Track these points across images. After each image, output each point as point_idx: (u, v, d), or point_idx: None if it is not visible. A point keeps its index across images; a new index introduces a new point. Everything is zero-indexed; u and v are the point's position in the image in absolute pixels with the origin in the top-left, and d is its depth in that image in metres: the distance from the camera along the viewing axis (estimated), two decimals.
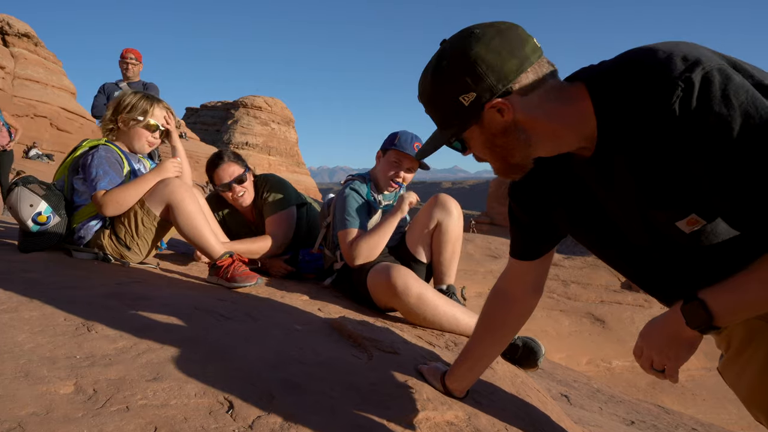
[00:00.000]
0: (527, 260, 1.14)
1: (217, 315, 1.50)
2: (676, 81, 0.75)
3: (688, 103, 0.74)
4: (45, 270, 1.75)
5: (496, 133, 0.89)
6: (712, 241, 0.84)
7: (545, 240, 1.12)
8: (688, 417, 3.23)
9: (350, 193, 2.12)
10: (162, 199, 1.97)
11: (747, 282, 0.80)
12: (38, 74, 22.75)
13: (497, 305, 1.19)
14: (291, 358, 1.24)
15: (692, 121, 0.74)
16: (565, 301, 15.50)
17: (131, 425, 0.84)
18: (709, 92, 0.73)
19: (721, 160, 0.74)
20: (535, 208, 1.07)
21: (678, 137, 0.76)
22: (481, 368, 1.23)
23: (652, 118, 0.78)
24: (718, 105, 0.72)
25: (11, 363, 0.99)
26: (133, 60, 4.38)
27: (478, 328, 1.23)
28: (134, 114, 2.15)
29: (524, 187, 1.07)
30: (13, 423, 0.79)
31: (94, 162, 2.01)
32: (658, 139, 0.79)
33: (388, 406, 1.08)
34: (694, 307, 0.83)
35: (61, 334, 1.18)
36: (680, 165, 0.78)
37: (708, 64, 0.75)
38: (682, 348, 0.87)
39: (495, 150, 0.92)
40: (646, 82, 0.78)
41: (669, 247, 0.90)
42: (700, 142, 0.75)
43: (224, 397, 0.98)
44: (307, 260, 2.58)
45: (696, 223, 0.82)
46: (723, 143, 0.73)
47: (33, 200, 1.96)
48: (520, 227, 1.12)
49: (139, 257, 2.10)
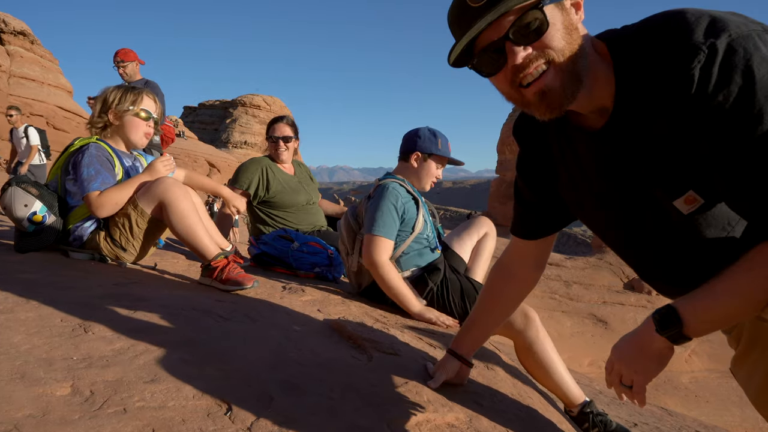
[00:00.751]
0: (528, 239, 1.13)
1: (216, 316, 1.48)
2: (699, 46, 0.71)
3: (708, 71, 0.70)
4: (41, 270, 1.73)
5: (572, 26, 0.78)
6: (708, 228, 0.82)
7: (549, 220, 1.10)
8: (692, 419, 3.23)
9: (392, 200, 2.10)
10: (155, 197, 1.92)
11: (717, 292, 0.78)
12: (34, 72, 22.66)
13: (499, 279, 1.22)
14: (290, 360, 1.23)
15: (711, 90, 0.71)
16: (567, 302, 15.52)
17: (128, 427, 0.82)
18: (731, 61, 0.69)
19: (731, 134, 0.71)
20: (542, 185, 1.05)
21: (694, 105, 0.73)
22: (485, 335, 1.30)
23: (670, 84, 0.74)
24: (739, 76, 0.69)
25: (7, 364, 0.98)
26: (121, 62, 4.22)
27: (482, 300, 1.26)
28: (124, 105, 2.09)
29: (530, 160, 1.06)
30: (9, 425, 0.78)
31: (84, 161, 1.95)
32: (674, 107, 0.75)
33: (387, 407, 1.07)
34: (664, 313, 0.81)
35: (57, 335, 1.16)
36: (689, 135, 0.75)
37: (736, 31, 0.71)
38: (651, 361, 0.84)
39: (571, 40, 0.77)
40: (668, 46, 0.74)
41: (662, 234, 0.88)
42: (714, 112, 0.72)
43: (223, 399, 0.97)
44: (300, 256, 2.59)
45: (694, 201, 0.80)
46: (735, 117, 0.70)
47: (27, 200, 1.93)
48: (523, 205, 1.11)
49: (135, 257, 2.08)
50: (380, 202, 2.07)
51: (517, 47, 0.77)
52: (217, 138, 48.74)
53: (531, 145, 1.05)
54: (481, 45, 0.79)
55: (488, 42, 0.78)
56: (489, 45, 0.78)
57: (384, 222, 2.03)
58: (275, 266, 2.68)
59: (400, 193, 2.11)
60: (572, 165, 0.97)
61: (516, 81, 0.80)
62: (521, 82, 0.79)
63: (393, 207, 2.06)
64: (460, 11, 0.79)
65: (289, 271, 2.63)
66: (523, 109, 0.85)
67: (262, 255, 2.74)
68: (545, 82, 0.78)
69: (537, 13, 0.75)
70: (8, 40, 22.91)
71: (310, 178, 3.25)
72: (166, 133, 4.60)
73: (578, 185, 0.98)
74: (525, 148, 1.08)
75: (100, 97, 2.14)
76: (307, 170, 3.31)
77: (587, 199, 0.98)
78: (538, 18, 0.75)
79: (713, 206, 0.82)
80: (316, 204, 3.13)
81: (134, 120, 2.12)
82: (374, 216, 2.05)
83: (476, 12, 0.76)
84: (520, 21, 0.75)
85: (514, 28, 0.75)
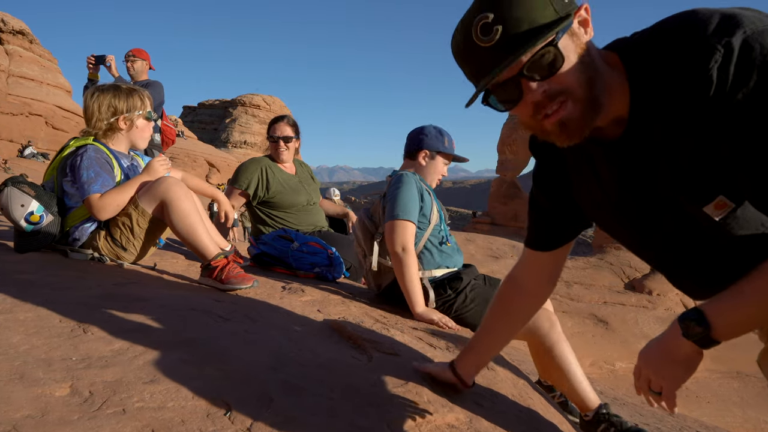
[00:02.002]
0: (544, 251, 1.11)
1: (215, 316, 1.48)
2: (715, 45, 0.69)
3: (726, 70, 0.69)
4: (40, 271, 1.73)
5: (584, 49, 0.77)
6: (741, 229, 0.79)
7: (565, 229, 1.09)
8: (693, 419, 3.23)
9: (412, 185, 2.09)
10: (156, 197, 1.93)
11: (746, 292, 0.76)
12: (33, 72, 22.64)
13: (509, 294, 1.18)
14: (290, 360, 1.22)
15: (730, 90, 0.69)
16: (568, 302, 15.51)
17: (127, 428, 0.82)
18: (749, 58, 0.68)
19: (753, 132, 0.69)
20: (558, 193, 1.04)
21: (714, 107, 0.71)
22: (490, 355, 1.25)
23: (688, 87, 0.72)
24: (756, 72, 0.67)
25: (6, 365, 0.97)
26: (132, 57, 4.34)
27: (490, 315, 1.22)
28: (134, 112, 2.10)
29: (547, 172, 1.05)
30: (8, 426, 0.78)
31: (83, 163, 1.95)
32: (693, 111, 0.73)
33: (388, 408, 1.07)
34: (691, 317, 0.79)
35: (56, 335, 1.16)
36: (712, 138, 0.73)
37: (750, 27, 0.69)
38: (678, 367, 0.82)
39: (585, 67, 0.76)
40: (682, 48, 0.73)
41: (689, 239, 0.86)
42: (734, 112, 0.70)
43: (222, 400, 0.96)
44: (300, 256, 2.58)
45: (724, 206, 0.77)
46: (756, 114, 0.68)
47: (24, 200, 1.92)
48: (540, 214, 1.09)
49: (135, 257, 2.08)
50: (400, 188, 2.06)
51: (533, 83, 0.76)
52: (217, 138, 48.71)
53: (547, 159, 1.05)
54: (495, 82, 0.78)
55: (503, 80, 0.77)
56: (504, 82, 0.77)
57: (405, 205, 2.01)
58: (275, 266, 2.68)
59: (417, 180, 2.12)
60: (590, 177, 0.95)
61: (537, 115, 0.79)
62: (545, 114, 0.78)
63: (414, 191, 2.07)
64: (468, 49, 0.77)
65: (289, 271, 2.63)
66: (543, 138, 0.84)
67: (262, 255, 2.73)
68: (564, 113, 0.77)
69: (551, 48, 0.74)
70: (7, 40, 22.89)
71: (311, 178, 3.23)
72: (168, 134, 4.61)
73: (596, 196, 0.97)
74: (541, 161, 1.07)
75: (106, 102, 2.09)
76: (309, 170, 3.29)
77: (606, 209, 0.97)
78: (552, 53, 0.74)
79: (745, 208, 0.79)
80: (316, 204, 3.12)
81: (142, 123, 2.15)
82: (395, 202, 2.03)
83: (488, 53, 0.75)
84: (535, 58, 0.74)
85: (529, 65, 0.74)
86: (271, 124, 3.11)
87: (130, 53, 4.35)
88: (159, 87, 4.32)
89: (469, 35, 0.76)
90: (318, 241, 2.71)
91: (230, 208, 2.36)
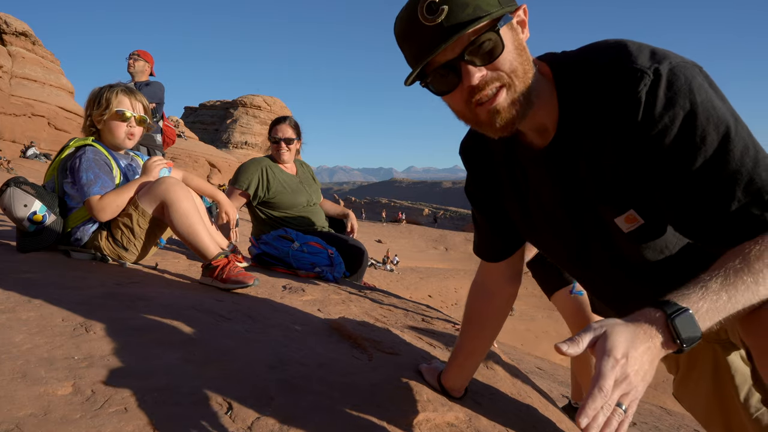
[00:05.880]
0: (494, 262, 1.12)
1: (216, 315, 1.49)
2: (645, 70, 0.75)
3: (654, 94, 0.74)
4: (43, 270, 1.74)
5: (522, 46, 0.79)
6: (647, 249, 0.83)
7: (507, 242, 1.09)
8: (690, 418, 3.23)
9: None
10: (156, 197, 1.94)
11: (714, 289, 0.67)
12: (36, 73, 22.70)
13: (477, 299, 1.20)
14: (290, 359, 1.23)
15: (656, 113, 0.74)
16: None
17: (129, 426, 0.83)
18: (675, 86, 0.74)
19: (678, 158, 0.74)
20: (490, 207, 1.06)
21: (640, 127, 0.76)
22: (473, 365, 1.22)
23: (617, 106, 0.77)
24: (683, 99, 0.73)
25: (9, 364, 0.98)
26: (136, 56, 4.35)
27: (464, 323, 1.22)
28: (99, 109, 2.07)
29: (478, 183, 1.06)
30: (10, 424, 0.78)
31: (82, 165, 1.96)
32: (620, 129, 0.78)
33: (388, 407, 1.08)
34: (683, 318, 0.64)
35: (59, 334, 1.17)
36: (634, 157, 0.78)
37: (675, 60, 0.75)
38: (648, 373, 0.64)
39: (523, 61, 0.78)
40: (614, 70, 0.77)
41: (607, 253, 0.89)
42: (660, 136, 0.75)
43: (223, 398, 0.97)
44: (300, 256, 2.59)
45: (634, 221, 0.82)
46: (681, 141, 0.73)
47: (27, 200, 1.94)
48: (480, 229, 1.12)
49: (137, 257, 2.09)
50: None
51: (472, 68, 0.77)
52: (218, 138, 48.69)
53: (478, 167, 1.05)
54: (435, 64, 0.78)
55: (443, 61, 0.77)
56: (443, 64, 0.78)
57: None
58: (276, 266, 2.69)
59: None
60: (521, 183, 0.97)
61: (472, 101, 0.80)
62: (478, 101, 0.79)
63: None
64: (412, 28, 0.78)
65: (289, 271, 2.64)
66: (475, 128, 0.85)
67: (263, 255, 2.74)
68: (498, 101, 0.78)
69: (492, 34, 0.75)
70: (10, 41, 22.95)
71: (312, 179, 3.24)
72: (168, 135, 4.63)
73: (527, 204, 0.98)
74: (472, 170, 1.07)
75: (87, 100, 2.13)
76: (310, 170, 3.30)
77: (536, 218, 0.98)
78: (493, 39, 0.75)
79: (653, 227, 0.83)
80: (317, 205, 3.12)
81: (111, 122, 2.09)
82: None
83: (431, 32, 0.75)
84: (476, 42, 0.75)
85: (470, 49, 0.75)
86: (272, 125, 3.13)
87: (135, 52, 4.38)
88: (159, 87, 4.33)
89: (414, 14, 0.77)
90: (318, 240, 2.72)
91: (231, 209, 2.35)
